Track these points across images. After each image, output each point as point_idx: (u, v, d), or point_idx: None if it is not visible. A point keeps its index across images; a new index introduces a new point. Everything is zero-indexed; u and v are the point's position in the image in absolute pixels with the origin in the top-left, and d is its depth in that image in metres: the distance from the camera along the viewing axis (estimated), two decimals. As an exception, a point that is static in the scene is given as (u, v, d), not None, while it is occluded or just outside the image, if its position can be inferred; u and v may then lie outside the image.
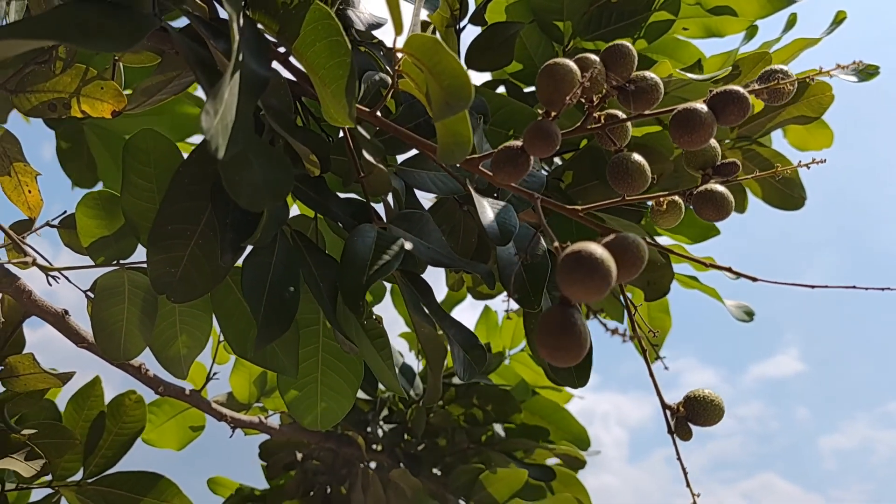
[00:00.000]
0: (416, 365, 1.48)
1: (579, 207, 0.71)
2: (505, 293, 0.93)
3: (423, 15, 0.92)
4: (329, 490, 1.36)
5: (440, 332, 0.75)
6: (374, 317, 0.83)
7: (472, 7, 1.13)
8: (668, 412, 0.68)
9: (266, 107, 0.70)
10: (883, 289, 0.67)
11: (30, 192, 0.88)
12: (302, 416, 0.94)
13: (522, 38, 1.16)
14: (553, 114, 0.66)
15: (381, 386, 1.48)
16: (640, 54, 1.22)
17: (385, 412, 1.42)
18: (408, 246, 0.74)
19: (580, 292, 0.44)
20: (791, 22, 1.16)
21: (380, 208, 0.86)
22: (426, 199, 0.98)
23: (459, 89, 0.59)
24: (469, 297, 1.28)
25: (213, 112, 0.52)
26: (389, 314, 1.55)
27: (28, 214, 0.89)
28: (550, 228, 0.75)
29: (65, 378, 0.93)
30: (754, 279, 0.73)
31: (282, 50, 0.78)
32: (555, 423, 1.50)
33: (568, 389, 1.63)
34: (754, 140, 1.15)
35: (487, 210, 0.74)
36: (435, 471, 1.40)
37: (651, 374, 0.69)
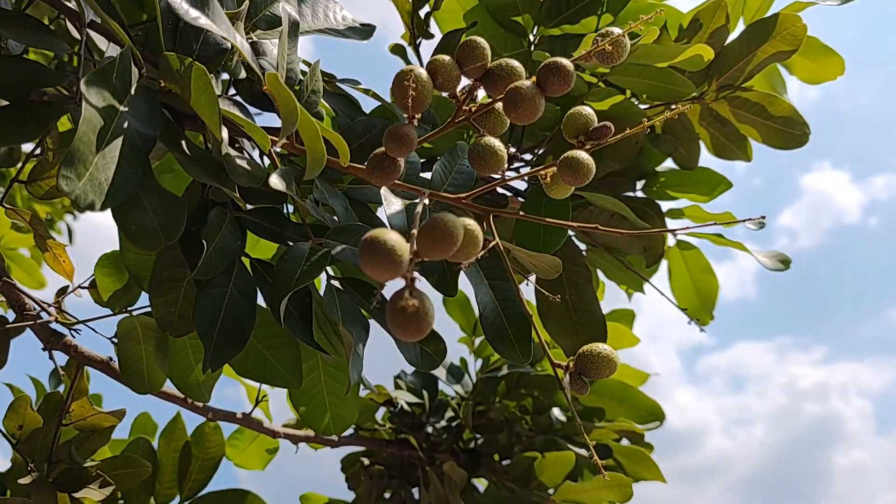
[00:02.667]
0: (474, 364, 1.54)
1: (463, 195, 0.77)
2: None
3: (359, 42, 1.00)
4: (403, 493, 1.44)
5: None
6: (339, 325, 0.92)
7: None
8: (558, 370, 0.71)
9: (188, 160, 0.81)
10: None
11: (63, 261, 1.04)
12: (316, 425, 1.04)
13: (489, 40, 1.21)
14: (414, 116, 0.72)
15: (441, 388, 1.56)
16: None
17: (450, 413, 1.49)
18: (336, 250, 0.82)
19: (369, 272, 0.51)
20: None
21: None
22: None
23: (289, 115, 0.68)
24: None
25: (74, 176, 0.63)
26: (446, 322, 1.62)
27: (66, 279, 1.05)
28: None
29: (119, 415, 1.09)
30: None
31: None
32: (625, 402, 1.50)
33: (644, 369, 1.62)
34: (738, 87, 1.13)
35: (394, 206, 0.81)
36: (506, 462, 1.45)
37: (540, 337, 0.72)
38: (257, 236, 0.91)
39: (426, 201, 0.74)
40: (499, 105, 0.76)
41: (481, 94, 0.78)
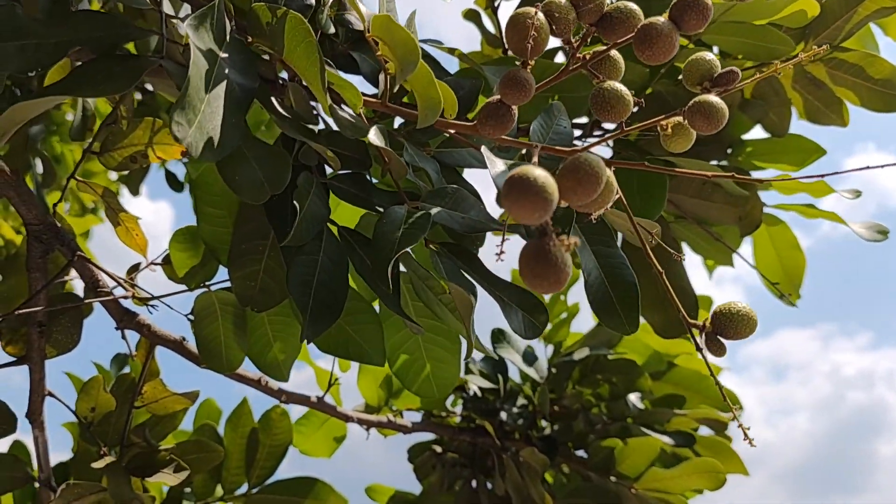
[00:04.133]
0: (544, 350, 1.49)
1: (578, 148, 0.71)
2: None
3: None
4: (475, 483, 1.39)
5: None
6: (445, 292, 0.88)
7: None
8: (694, 330, 0.66)
9: (282, 118, 0.77)
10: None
11: (136, 235, 1.00)
12: (412, 383, 1.00)
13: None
14: (528, 63, 0.67)
15: (512, 375, 1.51)
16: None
17: (522, 401, 1.44)
18: (433, 213, 0.77)
19: (516, 212, 0.46)
20: None
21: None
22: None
23: (408, 55, 0.63)
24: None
25: (185, 122, 0.59)
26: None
27: (140, 253, 1.02)
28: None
29: (192, 396, 1.05)
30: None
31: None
32: (701, 392, 1.44)
33: (714, 361, 1.56)
34: (836, 47, 1.07)
35: (498, 166, 0.76)
36: (581, 453, 1.40)
37: (670, 291, 0.67)
38: (344, 202, 0.87)
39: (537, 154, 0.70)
40: (614, 52, 0.72)
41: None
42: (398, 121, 1.02)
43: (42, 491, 1.09)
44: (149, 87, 1.68)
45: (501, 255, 0.74)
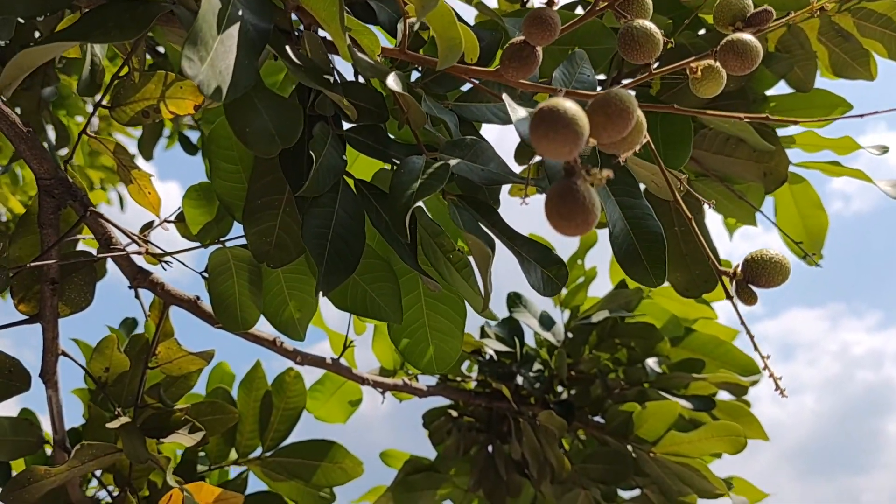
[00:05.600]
0: (560, 315, 1.47)
1: (604, 92, 0.69)
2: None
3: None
4: (491, 448, 1.38)
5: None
6: (456, 249, 0.86)
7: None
8: (724, 278, 0.64)
9: (297, 66, 0.75)
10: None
11: (149, 193, 0.99)
12: (417, 362, 0.98)
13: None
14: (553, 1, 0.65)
15: (526, 340, 1.49)
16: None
17: (539, 365, 1.42)
18: (452, 163, 0.75)
19: (545, 147, 0.44)
20: None
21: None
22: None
23: (428, -10, 0.61)
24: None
25: (197, 59, 0.57)
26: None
27: (152, 212, 1.00)
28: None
29: (208, 356, 1.04)
30: None
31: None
32: (718, 357, 1.42)
33: (730, 324, 1.54)
34: (864, -3, 1.04)
35: (519, 112, 0.74)
36: (598, 419, 1.38)
37: (698, 237, 0.65)
38: (361, 153, 0.85)
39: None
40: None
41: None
42: (414, 78, 0.99)
43: (57, 452, 1.08)
44: (160, 49, 1.66)
45: (525, 199, 0.72)
